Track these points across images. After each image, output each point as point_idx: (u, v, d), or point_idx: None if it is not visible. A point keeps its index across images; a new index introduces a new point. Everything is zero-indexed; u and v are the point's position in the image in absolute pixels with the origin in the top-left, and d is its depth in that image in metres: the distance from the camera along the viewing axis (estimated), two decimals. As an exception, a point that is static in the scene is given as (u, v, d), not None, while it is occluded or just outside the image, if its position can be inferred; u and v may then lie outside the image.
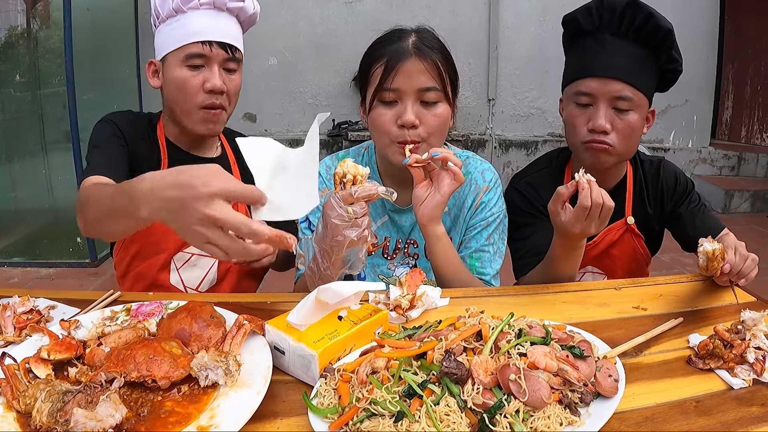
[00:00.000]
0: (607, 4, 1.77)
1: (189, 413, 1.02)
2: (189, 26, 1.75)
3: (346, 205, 1.36)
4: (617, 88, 1.76)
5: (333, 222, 1.37)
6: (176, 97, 1.82)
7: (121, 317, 1.35)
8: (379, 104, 1.65)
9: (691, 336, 1.34)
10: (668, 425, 1.03)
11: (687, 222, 1.95)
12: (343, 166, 1.40)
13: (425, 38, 1.66)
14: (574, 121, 1.85)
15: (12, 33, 5.07)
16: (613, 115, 1.78)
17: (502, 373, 0.98)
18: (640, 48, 1.78)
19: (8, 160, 5.28)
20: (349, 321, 1.26)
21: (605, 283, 1.76)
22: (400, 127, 1.62)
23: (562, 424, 0.97)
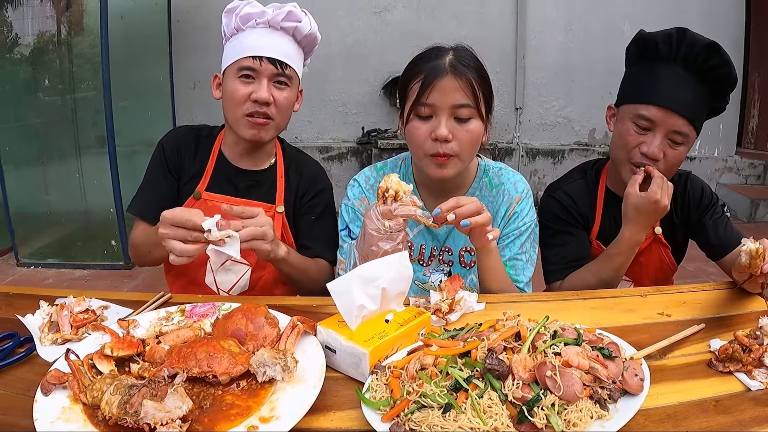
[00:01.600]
0: (690, 38, 1.82)
1: (249, 406, 1.10)
2: (245, 42, 1.90)
3: (384, 219, 1.46)
4: (678, 123, 1.83)
5: (370, 232, 1.48)
6: (227, 105, 1.95)
7: (176, 317, 1.43)
8: (415, 118, 1.75)
9: (712, 341, 1.40)
10: (688, 422, 1.11)
11: (710, 231, 2.03)
12: (388, 181, 1.50)
13: (462, 57, 1.75)
14: (627, 139, 1.90)
15: (41, 38, 5.19)
16: (667, 145, 1.87)
17: (539, 370, 1.09)
18: (705, 87, 1.85)
19: (42, 163, 5.41)
20: (395, 323, 1.36)
21: (632, 290, 1.85)
22: (434, 140, 1.72)
23: (593, 418, 1.07)
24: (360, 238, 1.56)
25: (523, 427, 1.03)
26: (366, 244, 1.49)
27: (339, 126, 7.17)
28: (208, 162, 2.06)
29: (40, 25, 5.19)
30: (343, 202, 2.01)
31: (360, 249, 1.55)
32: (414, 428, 1.04)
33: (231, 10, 1.92)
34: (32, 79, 5.27)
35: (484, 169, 1.96)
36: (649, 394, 1.15)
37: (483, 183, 1.95)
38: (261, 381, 1.16)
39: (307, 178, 2.14)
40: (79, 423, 1.04)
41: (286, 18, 1.91)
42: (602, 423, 1.07)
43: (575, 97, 7.04)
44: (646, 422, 1.11)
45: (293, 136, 6.86)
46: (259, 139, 1.97)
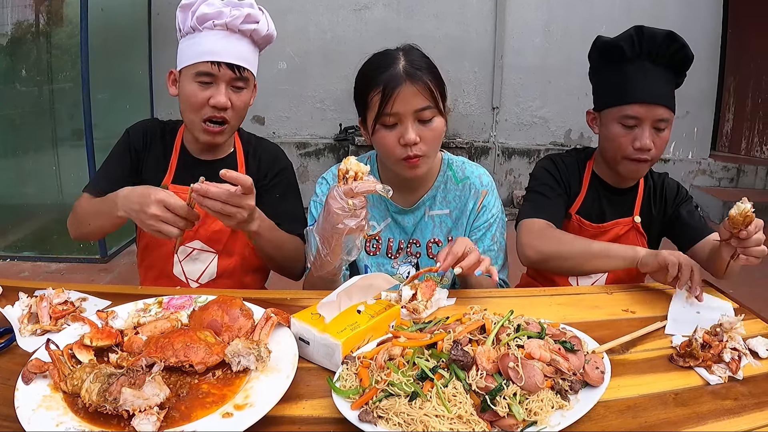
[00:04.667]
0: (648, 34, 1.95)
1: (224, 394, 1.13)
2: (202, 45, 1.88)
3: (348, 197, 1.51)
4: (659, 112, 1.96)
5: (335, 212, 1.52)
6: (184, 107, 1.95)
7: (153, 309, 1.45)
8: (381, 127, 1.78)
9: (674, 337, 1.45)
10: (648, 413, 1.15)
11: (685, 218, 2.16)
12: (347, 164, 1.54)
13: (413, 60, 1.79)
14: (619, 140, 2.02)
15: (19, 28, 5.12)
16: (654, 134, 1.99)
17: (502, 361, 1.13)
18: (670, 71, 2.00)
19: (18, 155, 5.34)
20: (367, 314, 1.40)
21: (598, 287, 1.90)
22: (404, 146, 1.76)
23: (554, 407, 1.10)
24: (320, 221, 1.60)
25: (486, 415, 1.06)
26: (330, 224, 1.54)
27: (317, 122, 7.15)
28: (172, 155, 2.09)
29: (18, 14, 5.11)
30: (312, 199, 2.04)
31: (320, 231, 1.60)
32: (381, 415, 1.06)
33: (186, 7, 1.90)
34: (9, 69, 5.19)
35: (448, 163, 2.02)
36: (611, 387, 1.18)
37: (447, 176, 2.00)
38: (236, 370, 1.18)
39: (266, 160, 2.17)
40: (59, 410, 1.05)
41: (245, 21, 1.90)
42: (563, 412, 1.10)
43: (552, 97, 7.09)
44: (607, 413, 1.15)
45: (271, 132, 6.85)
46: (215, 143, 2.01)
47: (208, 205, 1.56)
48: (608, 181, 2.19)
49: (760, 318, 1.59)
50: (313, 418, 1.13)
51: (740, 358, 1.32)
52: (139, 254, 2.21)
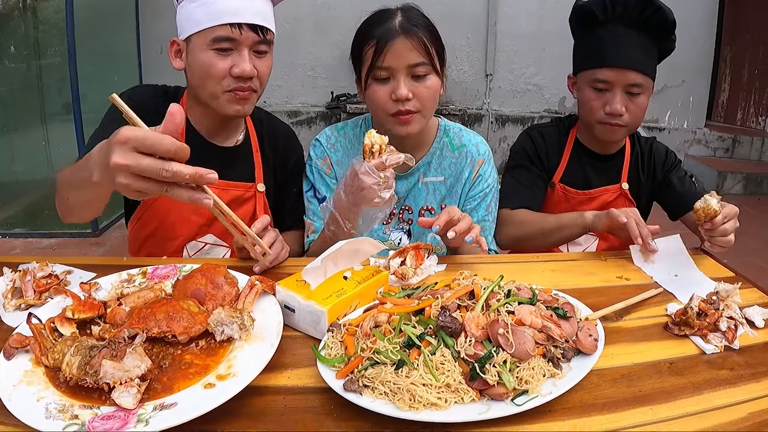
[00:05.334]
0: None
1: (207, 365, 1.09)
2: (217, 4, 1.59)
3: (380, 171, 1.49)
4: (632, 77, 1.94)
5: (371, 187, 1.50)
6: (202, 81, 1.67)
7: (138, 279, 1.41)
8: (374, 82, 1.75)
9: (669, 305, 1.42)
10: (642, 382, 1.12)
11: (676, 186, 2.15)
12: (371, 137, 1.51)
13: (411, 17, 1.75)
14: (591, 104, 2.03)
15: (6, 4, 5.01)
16: (627, 99, 1.97)
17: (492, 327, 1.08)
18: (647, 37, 1.96)
19: (7, 131, 5.25)
20: (353, 281, 1.36)
21: (592, 254, 1.87)
22: (395, 101, 1.72)
23: (545, 376, 1.07)
24: (341, 197, 1.59)
25: (475, 383, 1.02)
26: (365, 199, 1.53)
27: (308, 90, 7.06)
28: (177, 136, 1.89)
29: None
30: (306, 163, 2.00)
31: (343, 207, 1.60)
32: (367, 384, 1.03)
33: None
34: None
35: (444, 129, 1.99)
36: (604, 355, 1.15)
37: (444, 143, 1.97)
38: (219, 340, 1.15)
39: (282, 148, 2.03)
40: (40, 385, 1.03)
41: None
42: (555, 381, 1.07)
43: (546, 64, 7.00)
44: (600, 381, 1.12)
45: (262, 101, 6.66)
46: (243, 114, 1.77)
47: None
48: (592, 147, 2.18)
49: (757, 287, 1.56)
50: (298, 388, 1.10)
51: (737, 327, 1.30)
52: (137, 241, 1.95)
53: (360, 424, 1.00)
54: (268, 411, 1.03)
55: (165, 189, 1.04)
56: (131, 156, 0.99)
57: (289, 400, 1.06)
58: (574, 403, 1.06)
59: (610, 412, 1.04)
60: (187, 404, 0.97)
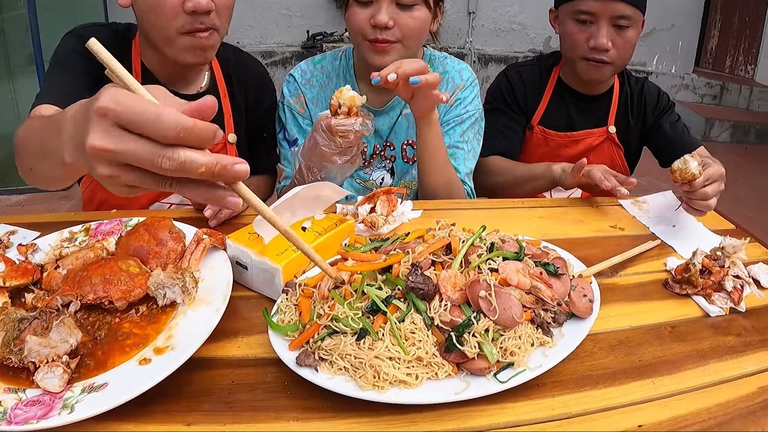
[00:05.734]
0: None
1: (147, 334, 0.97)
2: None
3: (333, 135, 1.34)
4: (619, 8, 1.77)
5: (322, 149, 1.36)
6: (150, 20, 1.44)
7: (80, 237, 1.28)
8: (354, 3, 1.60)
9: (668, 259, 1.31)
10: (642, 350, 1.01)
11: (667, 132, 2.01)
12: (339, 97, 1.34)
13: None
14: (573, 38, 1.87)
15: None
16: (613, 33, 1.80)
17: (472, 289, 0.91)
18: None
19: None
20: (313, 232, 1.20)
21: (582, 200, 1.72)
22: (374, 27, 1.56)
23: (534, 345, 0.91)
24: (307, 148, 1.45)
25: (452, 356, 0.86)
26: (317, 157, 1.41)
27: (282, 30, 6.73)
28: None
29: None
30: (279, 101, 1.83)
31: (307, 159, 1.46)
32: (324, 357, 0.88)
33: None
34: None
35: (429, 59, 1.85)
36: (599, 317, 1.01)
37: None
38: (162, 305, 1.02)
39: (254, 90, 1.81)
40: None
41: None
42: (544, 351, 0.92)
43: (530, 3, 6.72)
44: (595, 349, 1.00)
45: (234, 41, 6.40)
46: (204, 62, 1.55)
47: None
48: (576, 87, 2.04)
49: (760, 242, 1.44)
50: (250, 360, 0.97)
51: (743, 287, 1.19)
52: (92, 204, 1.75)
53: (318, 403, 0.87)
54: (213, 388, 0.91)
55: (169, 185, 0.69)
56: (115, 136, 0.65)
57: (237, 375, 0.93)
58: (566, 376, 0.93)
59: (607, 385, 0.92)
60: (119, 385, 0.84)
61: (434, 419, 0.84)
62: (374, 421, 0.84)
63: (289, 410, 0.86)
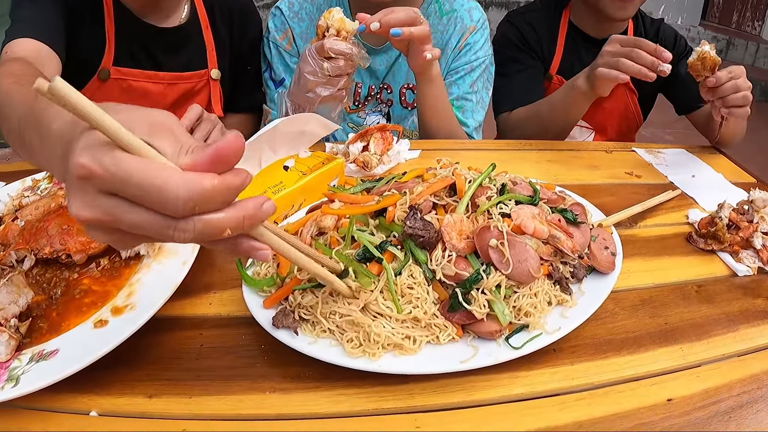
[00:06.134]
0: None
1: (107, 291, 0.87)
2: None
3: (321, 58, 1.19)
4: None
5: (305, 76, 1.21)
6: None
7: (43, 185, 1.17)
8: None
9: (690, 211, 1.20)
10: (668, 311, 0.90)
11: (683, 78, 1.80)
12: (328, 18, 1.19)
13: None
14: None
15: None
16: None
17: (481, 237, 0.77)
18: None
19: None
20: (296, 171, 1.07)
21: (595, 144, 1.60)
22: None
23: (551, 304, 0.78)
24: (293, 85, 1.30)
25: (456, 316, 0.73)
26: (301, 90, 1.25)
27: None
28: (104, 18, 1.40)
29: None
30: (264, 36, 1.65)
31: (294, 97, 1.30)
32: (306, 317, 0.75)
33: None
34: None
35: None
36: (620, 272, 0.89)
37: (432, 9, 1.62)
38: (125, 257, 0.92)
39: (239, 23, 1.63)
40: None
41: None
42: (563, 311, 0.79)
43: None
44: (616, 308, 0.89)
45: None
46: None
47: None
48: (588, 31, 1.85)
49: None
50: (222, 319, 0.86)
51: None
52: None
53: (298, 371, 0.75)
54: (179, 353, 0.80)
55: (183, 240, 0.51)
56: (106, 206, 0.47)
57: (208, 337, 0.82)
58: (585, 340, 0.82)
59: (631, 352, 0.81)
60: (71, 351, 0.74)
61: (434, 391, 0.72)
62: (364, 394, 0.72)
63: (265, 379, 0.75)
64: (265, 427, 0.69)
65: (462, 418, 0.69)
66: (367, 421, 0.69)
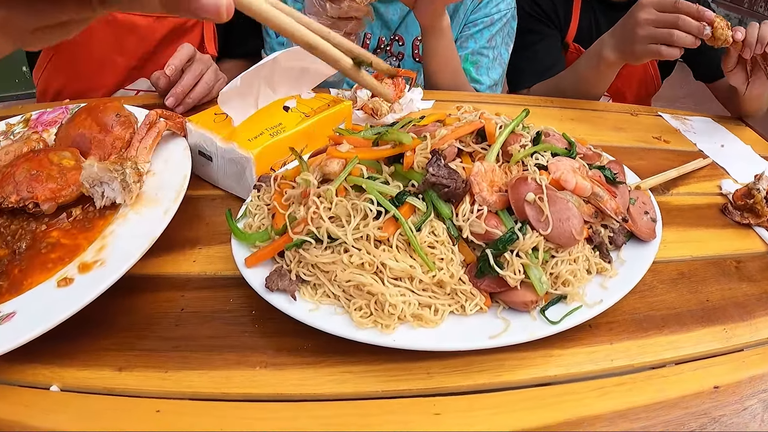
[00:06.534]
0: None
1: (78, 245, 0.77)
2: None
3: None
4: None
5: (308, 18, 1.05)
6: None
7: (17, 129, 1.09)
8: None
9: (723, 181, 1.12)
10: (708, 287, 0.81)
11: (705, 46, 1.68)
12: None
13: None
14: None
15: None
16: None
17: (516, 190, 0.65)
18: None
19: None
20: (298, 113, 0.96)
21: (618, 106, 1.50)
22: None
23: (591, 273, 0.67)
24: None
25: (485, 282, 0.62)
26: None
27: None
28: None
29: None
30: None
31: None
32: (306, 278, 0.64)
33: None
34: None
35: None
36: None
37: None
38: (100, 207, 0.82)
39: None
40: None
41: None
42: (603, 281, 0.68)
43: None
44: (654, 282, 0.80)
45: None
46: None
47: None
48: None
49: None
50: (207, 279, 0.76)
51: None
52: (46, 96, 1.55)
53: (295, 343, 0.65)
54: (155, 319, 0.70)
55: None
56: None
57: (190, 300, 0.73)
58: (624, 315, 0.73)
59: (674, 331, 0.72)
60: (29, 314, 0.65)
61: (457, 370, 0.62)
62: (373, 372, 0.61)
63: (255, 352, 0.65)
64: (254, 410, 0.58)
65: (488, 403, 0.60)
66: (376, 405, 0.59)
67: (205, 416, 0.58)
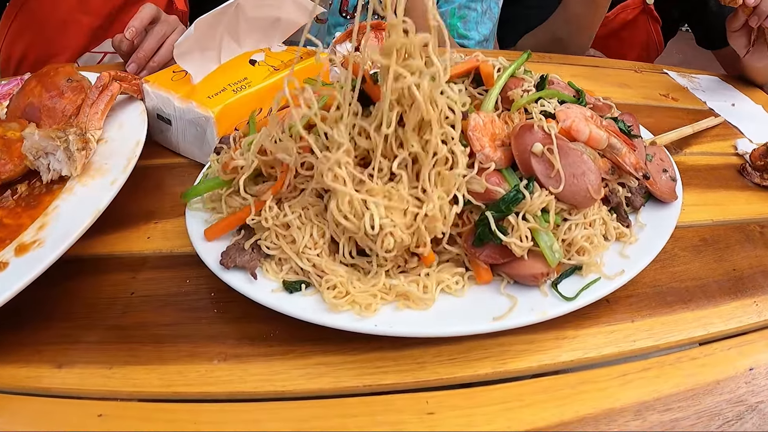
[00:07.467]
0: None
1: (21, 225, 0.70)
2: None
3: None
4: None
5: None
6: None
7: None
8: None
9: (738, 141, 1.05)
10: (733, 254, 0.73)
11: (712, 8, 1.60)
12: None
13: None
14: None
15: None
16: None
17: (521, 139, 0.55)
18: None
19: None
20: (266, 66, 0.88)
21: (621, 62, 1.42)
22: None
23: (608, 239, 0.58)
24: None
25: (485, 252, 0.52)
26: None
27: None
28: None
29: None
30: None
31: None
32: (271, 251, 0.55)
33: None
34: None
35: None
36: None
37: None
38: (47, 181, 0.75)
39: None
40: None
41: None
42: (622, 248, 0.59)
43: None
44: (676, 250, 0.72)
45: None
46: None
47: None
48: None
49: None
50: (163, 257, 0.68)
51: None
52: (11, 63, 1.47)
53: (261, 329, 0.57)
54: (101, 305, 0.62)
55: None
56: None
57: (142, 283, 0.65)
58: (645, 288, 0.65)
59: (700, 305, 0.64)
60: None
61: (452, 359, 0.53)
62: (353, 364, 0.53)
63: (213, 341, 0.56)
64: (209, 413, 0.49)
65: (491, 397, 0.51)
66: (357, 404, 0.50)
67: (153, 420, 0.49)
